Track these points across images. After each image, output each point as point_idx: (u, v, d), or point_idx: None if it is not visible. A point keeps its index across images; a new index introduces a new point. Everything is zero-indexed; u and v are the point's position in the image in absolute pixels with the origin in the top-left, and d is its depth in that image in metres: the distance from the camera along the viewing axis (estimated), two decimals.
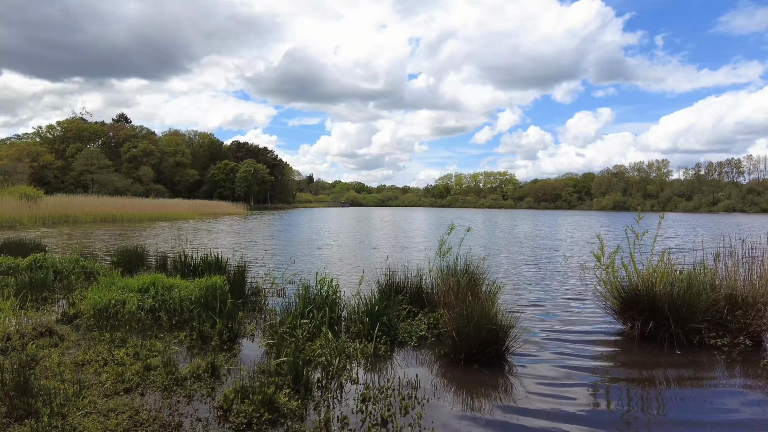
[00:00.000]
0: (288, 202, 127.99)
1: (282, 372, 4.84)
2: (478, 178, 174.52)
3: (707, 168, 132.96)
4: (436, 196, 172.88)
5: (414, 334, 6.40)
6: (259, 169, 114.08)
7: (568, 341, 6.74)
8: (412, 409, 4.37)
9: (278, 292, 9.20)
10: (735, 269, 7.46)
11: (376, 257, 15.72)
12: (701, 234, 29.82)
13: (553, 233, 31.27)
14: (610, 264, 7.14)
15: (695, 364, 5.85)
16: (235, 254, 14.37)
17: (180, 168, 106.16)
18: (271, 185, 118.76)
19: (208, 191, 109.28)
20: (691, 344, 6.40)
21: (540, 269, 13.80)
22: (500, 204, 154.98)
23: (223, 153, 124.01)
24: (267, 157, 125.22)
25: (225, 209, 63.94)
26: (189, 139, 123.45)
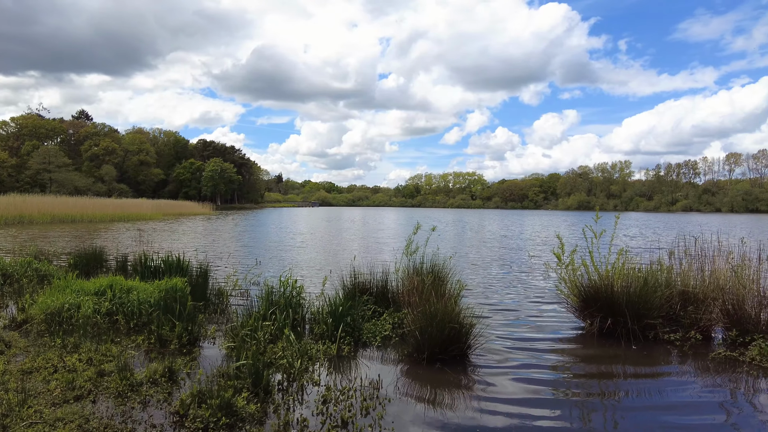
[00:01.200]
0: (256, 201, 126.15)
1: (242, 375, 4.75)
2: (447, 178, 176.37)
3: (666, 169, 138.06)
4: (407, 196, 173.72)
5: (378, 334, 6.39)
6: (226, 168, 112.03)
7: (530, 338, 6.86)
8: (373, 409, 4.36)
9: (242, 294, 9.04)
10: (688, 267, 7.76)
11: (345, 258, 15.65)
12: (660, 233, 30.92)
13: (519, 233, 31.85)
14: (570, 263, 7.31)
15: (650, 358, 6.04)
16: (198, 255, 14.07)
17: (144, 167, 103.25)
18: (238, 185, 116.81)
19: (173, 191, 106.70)
20: (646, 339, 6.61)
21: (505, 268, 14.02)
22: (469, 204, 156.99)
23: (189, 152, 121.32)
24: (234, 155, 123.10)
25: (190, 209, 62.56)
26: (154, 137, 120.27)
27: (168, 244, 19.24)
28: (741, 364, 5.74)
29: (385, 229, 33.91)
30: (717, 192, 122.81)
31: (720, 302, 6.77)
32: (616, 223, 7.59)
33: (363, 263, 8.82)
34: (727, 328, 6.63)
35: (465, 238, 26.95)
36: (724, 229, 32.73)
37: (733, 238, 9.59)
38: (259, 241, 23.03)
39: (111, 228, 29.57)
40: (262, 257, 15.69)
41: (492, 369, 5.58)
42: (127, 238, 22.28)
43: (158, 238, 23.03)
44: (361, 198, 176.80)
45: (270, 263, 14.19)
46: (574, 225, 42.92)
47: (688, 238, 8.94)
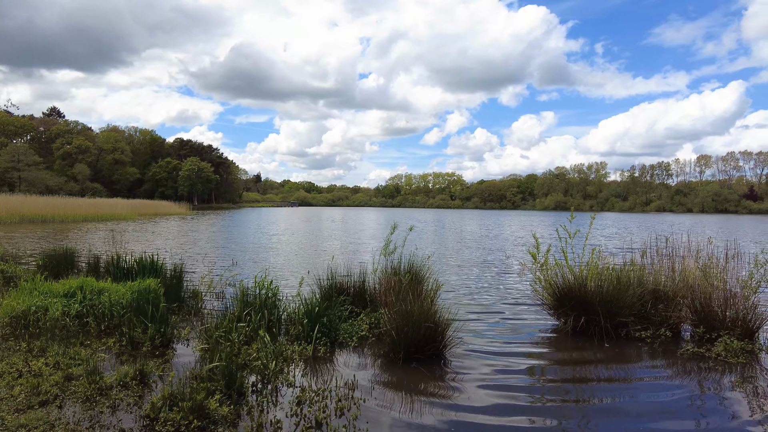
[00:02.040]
0: (234, 201, 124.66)
1: (215, 377, 4.69)
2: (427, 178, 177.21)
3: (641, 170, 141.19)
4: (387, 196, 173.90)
5: (355, 335, 6.37)
6: (203, 168, 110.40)
7: (505, 337, 6.94)
8: (348, 410, 4.35)
9: (217, 295, 8.93)
10: (660, 266, 7.95)
11: (323, 258, 15.58)
12: (634, 233, 31.59)
13: (498, 233, 32.17)
14: (545, 262, 7.41)
15: (622, 355, 6.17)
16: (173, 256, 13.83)
17: (119, 166, 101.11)
18: (216, 184, 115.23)
19: (149, 190, 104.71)
20: (619, 337, 6.75)
21: (482, 268, 14.14)
22: (448, 204, 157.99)
23: (166, 150, 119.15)
24: (212, 155, 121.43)
25: (166, 209, 61.50)
26: (129, 135, 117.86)
27: (142, 245, 18.86)
28: (707, 359, 5.90)
29: (365, 230, 33.88)
30: (689, 193, 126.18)
31: (689, 300, 6.96)
32: (591, 223, 7.73)
33: (341, 263, 8.79)
34: (695, 325, 6.81)
35: (444, 238, 27.11)
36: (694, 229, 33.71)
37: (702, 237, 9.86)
38: (236, 241, 22.76)
39: (83, 228, 28.88)
40: (239, 258, 15.51)
41: (467, 367, 5.62)
42: (99, 238, 21.77)
43: (132, 238, 22.58)
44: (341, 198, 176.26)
45: (246, 264, 14.04)
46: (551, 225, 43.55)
47: (660, 237, 9.15)
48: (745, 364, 5.75)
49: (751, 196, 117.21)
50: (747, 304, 6.57)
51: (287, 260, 15.45)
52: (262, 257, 16.06)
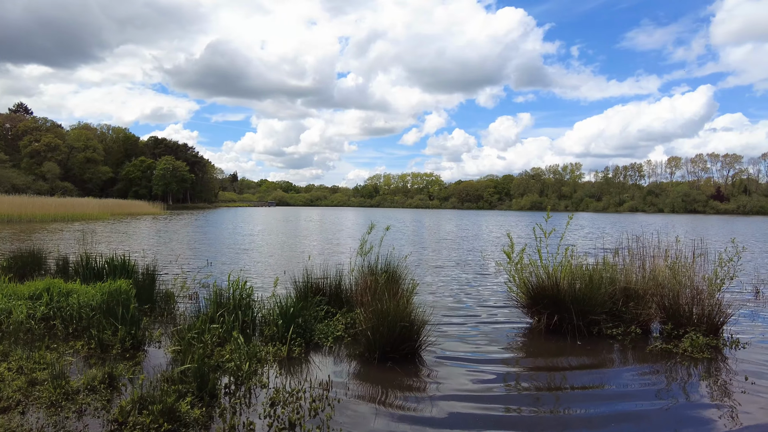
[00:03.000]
0: (210, 201, 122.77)
1: (186, 379, 4.61)
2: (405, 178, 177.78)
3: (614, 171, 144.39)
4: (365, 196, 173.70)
5: (330, 335, 6.35)
6: (178, 167, 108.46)
7: (480, 336, 7.01)
8: (322, 410, 4.33)
9: (191, 297, 8.78)
10: (631, 265, 8.13)
11: (300, 258, 15.48)
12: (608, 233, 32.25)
13: (475, 233, 32.45)
14: (519, 261, 7.50)
15: (594, 352, 6.29)
16: (146, 257, 13.55)
17: (91, 164, 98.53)
18: (191, 183, 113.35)
19: (122, 190, 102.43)
20: (591, 335, 6.88)
21: (459, 267, 14.25)
22: (427, 204, 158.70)
23: (140, 149, 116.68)
24: (187, 153, 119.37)
25: (140, 209, 60.20)
26: (101, 133, 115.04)
27: (114, 246, 18.43)
28: (675, 355, 6.06)
29: (343, 230, 33.78)
30: (660, 193, 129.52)
31: (658, 298, 7.14)
32: (568, 223, 7.84)
33: (318, 264, 8.76)
34: (664, 322, 6.99)
35: (422, 238, 27.22)
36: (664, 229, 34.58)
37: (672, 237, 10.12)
38: (211, 242, 22.43)
39: (52, 228, 28.05)
40: (214, 259, 15.29)
41: (442, 366, 5.65)
42: (69, 238, 21.18)
43: (104, 238, 22.04)
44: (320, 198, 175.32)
45: (221, 265, 13.84)
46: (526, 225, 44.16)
47: (632, 237, 9.36)
48: (710, 359, 5.92)
49: (717, 197, 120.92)
50: (712, 301, 6.78)
51: (263, 261, 15.30)
52: (238, 258, 15.86)
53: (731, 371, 5.59)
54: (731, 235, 30.84)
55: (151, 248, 18.06)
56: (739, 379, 5.34)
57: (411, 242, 23.44)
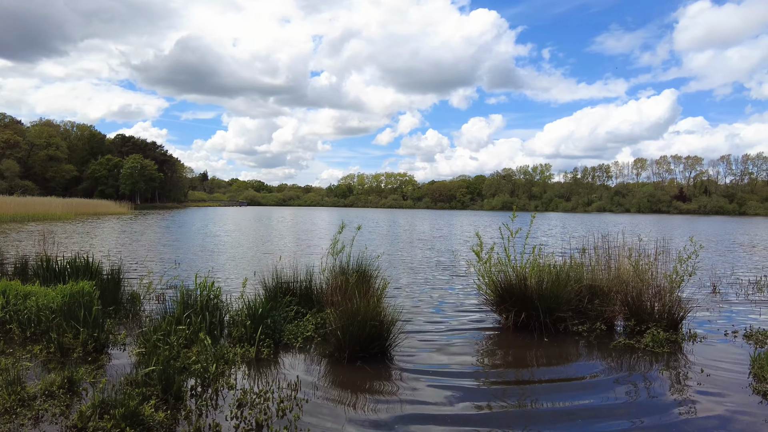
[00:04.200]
0: (179, 200, 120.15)
1: (151, 382, 4.51)
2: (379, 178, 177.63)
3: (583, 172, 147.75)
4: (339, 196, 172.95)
5: (300, 335, 6.31)
6: (146, 165, 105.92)
7: (449, 333, 7.08)
8: (290, 411, 4.30)
9: (157, 298, 8.59)
10: (597, 263, 8.34)
11: (271, 259, 15.32)
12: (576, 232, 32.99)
13: (448, 232, 32.73)
14: (488, 260, 7.61)
15: (560, 349, 6.43)
16: (112, 258, 13.19)
17: (54, 162, 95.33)
18: (160, 183, 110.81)
19: (88, 189, 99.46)
20: (557, 331, 7.03)
21: (431, 266, 14.35)
22: (401, 204, 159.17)
23: (106, 147, 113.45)
24: (156, 152, 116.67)
25: (106, 208, 58.44)
26: (65, 130, 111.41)
27: (78, 246, 17.86)
28: (637, 350, 6.25)
29: (316, 229, 33.60)
30: (626, 194, 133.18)
31: (621, 295, 7.34)
32: (532, 222, 8.01)
33: (289, 264, 8.67)
34: (627, 318, 7.20)
35: (395, 238, 27.31)
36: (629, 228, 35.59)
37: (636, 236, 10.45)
38: (180, 242, 21.98)
39: (11, 228, 26.99)
40: (182, 259, 14.99)
41: (412, 364, 5.69)
42: (29, 239, 20.43)
43: (67, 239, 21.33)
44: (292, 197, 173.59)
45: (190, 265, 13.58)
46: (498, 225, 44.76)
47: (598, 236, 9.60)
48: (670, 353, 6.14)
49: (680, 197, 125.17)
50: (672, 298, 7.02)
51: (233, 261, 15.09)
52: (207, 259, 15.59)
53: (689, 364, 5.80)
54: (692, 234, 31.99)
55: (116, 249, 17.58)
56: (696, 370, 5.55)
57: (384, 242, 23.49)
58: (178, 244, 20.50)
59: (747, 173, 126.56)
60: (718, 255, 18.69)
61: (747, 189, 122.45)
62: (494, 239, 7.23)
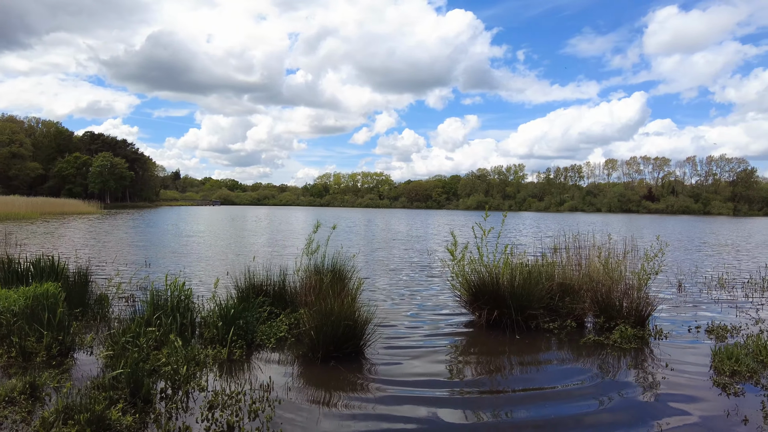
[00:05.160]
0: (151, 200, 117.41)
1: (119, 385, 4.40)
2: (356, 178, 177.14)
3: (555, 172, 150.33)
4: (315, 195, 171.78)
5: (273, 336, 6.25)
6: (116, 164, 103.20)
7: (423, 332, 7.13)
8: (262, 411, 4.25)
9: (126, 299, 8.40)
10: (568, 261, 8.51)
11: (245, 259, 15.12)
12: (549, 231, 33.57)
13: (424, 232, 32.90)
14: (461, 259, 7.68)
15: (532, 346, 6.54)
16: (79, 258, 12.81)
17: (17, 160, 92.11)
18: (130, 181, 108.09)
19: (54, 187, 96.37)
20: (529, 329, 7.15)
21: (406, 265, 14.41)
22: (377, 203, 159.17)
23: (74, 145, 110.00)
24: (126, 150, 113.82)
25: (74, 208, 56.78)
26: (30, 127, 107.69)
27: (43, 247, 17.30)
28: (606, 347, 6.40)
29: (291, 229, 33.32)
30: (598, 194, 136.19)
31: (591, 293, 7.51)
32: (503, 222, 8.13)
33: (262, 264, 8.59)
34: (597, 315, 7.37)
35: (371, 237, 27.31)
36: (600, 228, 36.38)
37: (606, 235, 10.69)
38: (151, 242, 21.50)
39: None
40: (153, 260, 14.68)
41: (386, 362, 5.71)
42: None
43: (32, 239, 20.63)
44: (267, 197, 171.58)
45: (161, 266, 13.31)
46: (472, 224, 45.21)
47: (570, 235, 9.79)
48: (637, 349, 6.31)
49: (649, 197, 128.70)
50: (640, 295, 7.22)
51: (205, 262, 14.84)
52: (179, 259, 15.30)
53: (654, 359, 5.97)
54: (659, 232, 32.95)
55: (84, 249, 17.10)
56: (661, 365, 5.72)
57: (360, 242, 23.46)
58: (148, 245, 20.05)
59: (711, 174, 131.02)
60: (684, 253, 19.29)
61: (711, 189, 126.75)
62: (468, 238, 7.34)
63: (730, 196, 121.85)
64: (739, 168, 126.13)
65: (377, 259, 15.92)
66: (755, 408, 4.52)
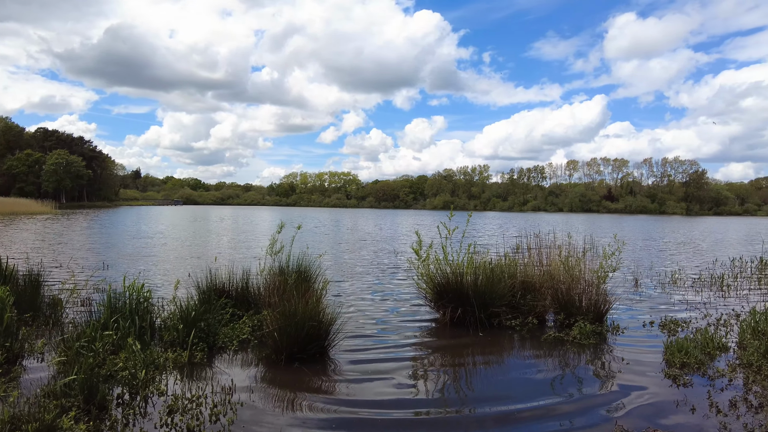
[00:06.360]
0: (110, 199, 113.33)
1: (72, 392, 4.23)
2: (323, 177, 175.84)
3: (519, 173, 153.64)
4: (281, 195, 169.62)
5: (236, 338, 6.14)
6: (72, 162, 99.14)
7: (388, 331, 7.15)
8: (224, 415, 4.18)
9: (82, 302, 8.08)
10: (530, 260, 8.70)
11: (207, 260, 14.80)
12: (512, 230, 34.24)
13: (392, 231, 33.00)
14: (426, 258, 7.74)
15: (494, 343, 6.66)
16: (30, 261, 12.25)
17: None
18: (88, 180, 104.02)
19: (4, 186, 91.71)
20: (492, 326, 7.28)
21: (371, 265, 14.42)
22: (344, 203, 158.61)
23: (26, 141, 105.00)
24: (84, 147, 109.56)
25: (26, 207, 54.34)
26: None
27: None
28: (565, 342, 6.58)
29: (255, 230, 32.81)
30: (560, 194, 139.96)
31: (552, 290, 7.70)
32: (468, 221, 8.25)
33: (225, 264, 8.43)
34: (557, 312, 7.57)
35: (338, 237, 27.20)
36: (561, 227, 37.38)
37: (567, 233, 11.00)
38: (109, 243, 20.77)
39: None
40: (111, 262, 14.18)
41: (351, 363, 5.70)
42: None
43: None
44: (231, 196, 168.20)
45: (119, 268, 12.87)
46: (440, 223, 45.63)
47: (532, 234, 10.01)
48: (595, 345, 6.51)
49: (609, 197, 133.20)
50: (598, 292, 7.45)
51: (167, 264, 14.44)
52: (138, 261, 14.83)
53: (612, 354, 6.18)
54: (617, 232, 34.12)
55: (36, 251, 16.36)
56: (618, 359, 5.93)
57: (327, 242, 23.33)
58: (106, 246, 19.35)
59: (666, 175, 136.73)
60: (641, 251, 20.04)
61: (666, 190, 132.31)
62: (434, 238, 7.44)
63: (683, 197, 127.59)
64: (692, 170, 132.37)
65: (344, 259, 15.87)
66: (702, 397, 4.74)
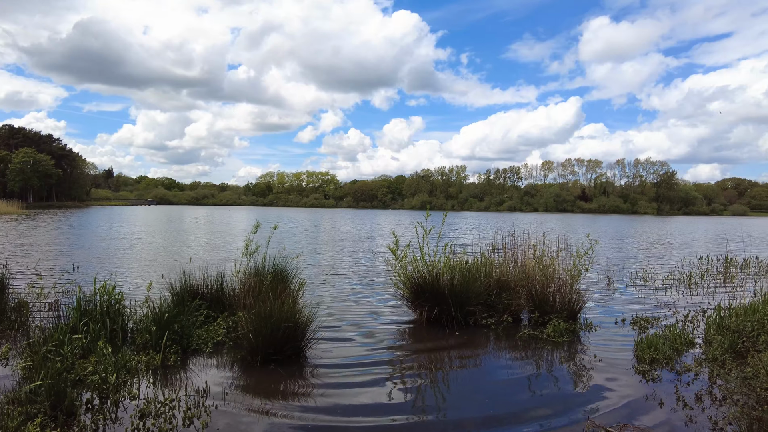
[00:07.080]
0: (80, 199, 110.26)
1: (38, 398, 4.11)
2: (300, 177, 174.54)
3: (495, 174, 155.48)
4: (258, 195, 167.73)
5: (210, 340, 6.06)
6: (40, 160, 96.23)
7: (365, 331, 7.16)
8: (198, 418, 4.11)
9: (50, 306, 7.85)
10: (505, 259, 8.80)
11: (181, 261, 14.55)
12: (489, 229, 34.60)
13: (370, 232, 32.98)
14: (403, 258, 7.77)
15: (470, 342, 6.72)
16: None
17: None
18: (57, 179, 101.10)
19: None
20: (468, 325, 7.35)
21: (349, 265, 14.39)
22: (322, 203, 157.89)
23: None
24: (52, 146, 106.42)
25: None
26: None
27: None
28: (540, 340, 6.69)
29: (231, 230, 32.38)
30: (535, 194, 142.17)
31: (527, 289, 7.82)
32: (444, 221, 8.31)
33: (199, 266, 8.29)
34: (532, 310, 7.68)
35: (315, 237, 27.05)
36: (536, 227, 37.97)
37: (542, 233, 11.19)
38: (79, 245, 20.21)
39: None
40: (81, 264, 13.81)
41: (327, 364, 5.68)
42: None
43: None
44: (207, 196, 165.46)
45: (89, 270, 12.54)
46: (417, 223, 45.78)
47: (508, 234, 10.14)
48: (569, 342, 6.63)
49: (583, 198, 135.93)
50: (572, 290, 7.60)
51: (140, 265, 14.14)
52: (110, 263, 14.47)
53: (584, 351, 6.31)
54: (590, 231, 34.84)
55: (2, 253, 15.82)
56: (590, 356, 6.06)
57: (303, 242, 23.18)
58: (76, 248, 18.83)
59: (638, 176, 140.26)
60: (613, 251, 20.49)
61: (638, 190, 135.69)
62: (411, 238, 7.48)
63: (654, 197, 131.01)
64: (662, 171, 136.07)
65: (321, 260, 15.80)
66: (670, 392, 4.88)
